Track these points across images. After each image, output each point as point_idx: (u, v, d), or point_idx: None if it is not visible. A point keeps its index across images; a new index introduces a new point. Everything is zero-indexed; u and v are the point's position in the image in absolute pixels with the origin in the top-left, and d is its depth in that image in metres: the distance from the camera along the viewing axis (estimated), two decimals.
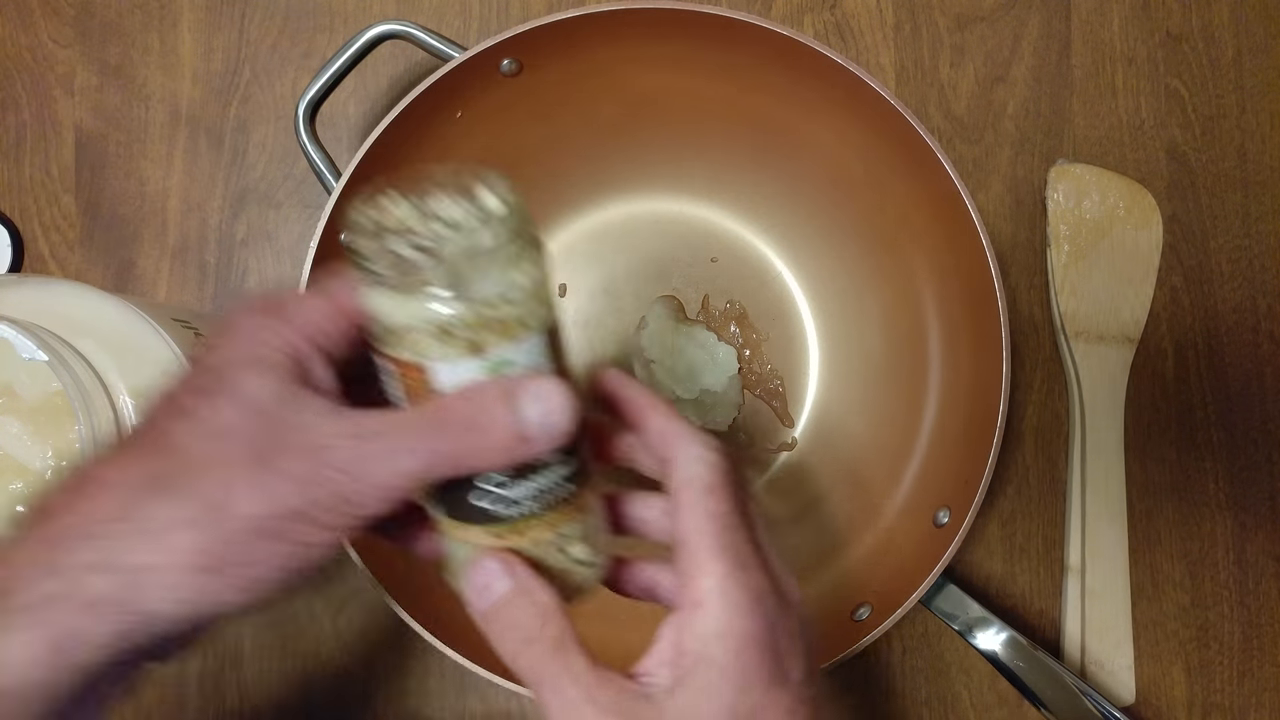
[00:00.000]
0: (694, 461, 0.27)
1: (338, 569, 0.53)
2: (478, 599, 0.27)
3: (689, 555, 0.26)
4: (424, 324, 0.24)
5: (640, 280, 0.53)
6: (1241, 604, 0.53)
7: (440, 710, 0.52)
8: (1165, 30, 0.56)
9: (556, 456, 0.26)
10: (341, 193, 0.43)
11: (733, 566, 0.25)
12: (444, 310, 0.23)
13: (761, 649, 0.25)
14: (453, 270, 0.23)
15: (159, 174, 0.55)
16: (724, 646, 0.25)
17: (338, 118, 0.55)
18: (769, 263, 0.53)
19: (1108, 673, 0.51)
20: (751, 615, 0.25)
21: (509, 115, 0.48)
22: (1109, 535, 0.52)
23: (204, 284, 0.54)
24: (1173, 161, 0.55)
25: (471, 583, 0.27)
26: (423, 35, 0.45)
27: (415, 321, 0.24)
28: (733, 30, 0.44)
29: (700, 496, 0.26)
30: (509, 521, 0.26)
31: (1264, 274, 0.55)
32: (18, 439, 0.35)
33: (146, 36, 0.56)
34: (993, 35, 0.56)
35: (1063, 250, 0.54)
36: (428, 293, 0.23)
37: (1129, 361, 0.53)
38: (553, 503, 0.27)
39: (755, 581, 0.26)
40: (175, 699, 0.52)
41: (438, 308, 0.23)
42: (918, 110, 0.54)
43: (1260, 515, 0.53)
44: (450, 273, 0.23)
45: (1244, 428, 0.54)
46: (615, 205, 0.53)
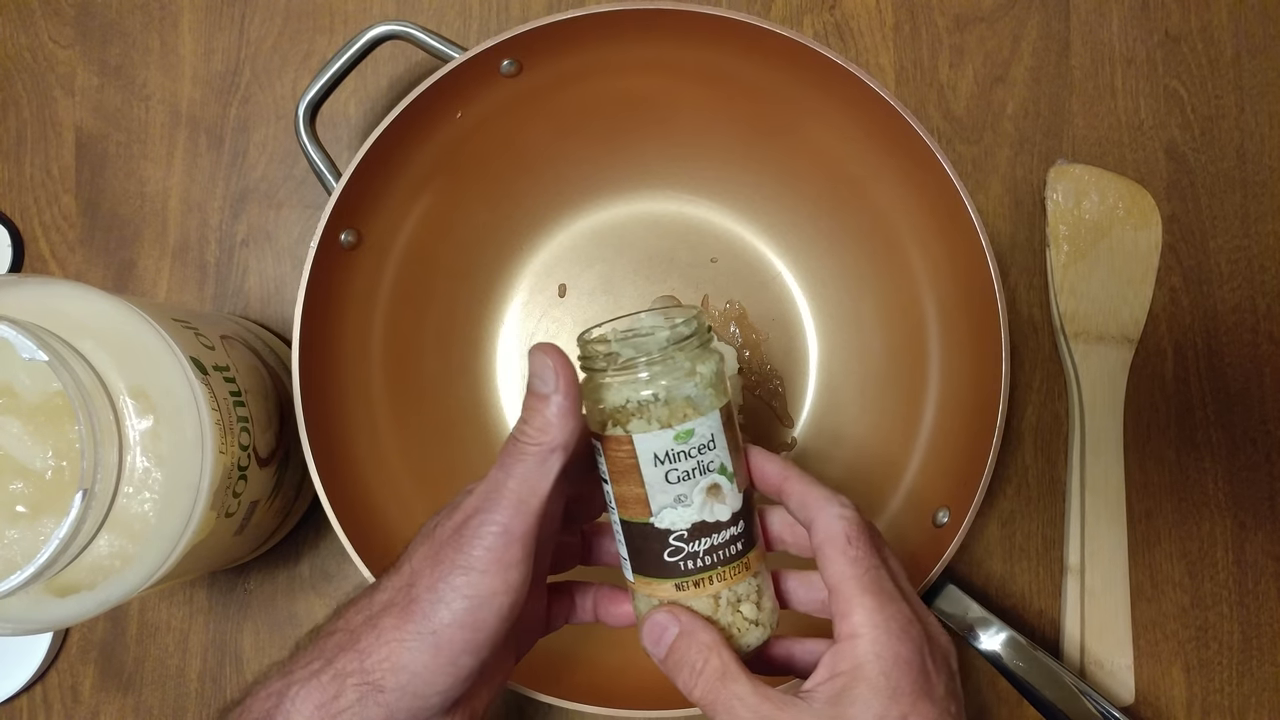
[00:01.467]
0: (834, 519, 0.31)
1: (338, 568, 0.53)
2: (654, 647, 0.32)
3: (841, 598, 0.30)
4: (632, 403, 0.31)
5: (640, 280, 0.53)
6: (1241, 604, 0.53)
7: None
8: (1164, 30, 0.56)
9: (730, 520, 0.32)
10: (341, 193, 0.43)
11: (881, 601, 0.30)
12: (645, 392, 0.31)
13: (909, 667, 0.29)
14: (652, 363, 0.31)
15: (159, 174, 0.55)
16: (876, 667, 0.29)
17: (338, 118, 0.55)
18: (769, 263, 0.53)
19: (1107, 673, 0.51)
20: (901, 639, 0.29)
21: (509, 115, 0.48)
22: (1108, 535, 0.52)
23: (204, 284, 0.54)
24: (1172, 162, 0.55)
25: (648, 636, 0.32)
26: (423, 36, 0.45)
27: (624, 402, 0.31)
28: (732, 31, 0.44)
29: (844, 547, 0.31)
30: (690, 574, 0.32)
31: (1263, 274, 0.55)
32: (18, 439, 0.35)
33: (146, 36, 0.56)
34: (992, 36, 0.56)
35: (1062, 250, 0.54)
36: (636, 379, 0.31)
37: (1128, 362, 0.53)
38: (726, 558, 0.32)
39: (901, 612, 0.30)
40: (175, 699, 0.52)
41: (643, 390, 0.31)
42: (917, 111, 0.54)
43: (1260, 515, 0.53)
44: (650, 364, 0.31)
45: (1244, 428, 0.54)
46: (615, 205, 0.54)
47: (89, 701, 0.52)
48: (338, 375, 0.46)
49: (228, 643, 0.52)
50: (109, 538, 0.35)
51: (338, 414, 0.45)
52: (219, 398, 0.39)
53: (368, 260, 0.47)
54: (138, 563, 0.36)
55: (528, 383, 0.31)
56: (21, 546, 0.35)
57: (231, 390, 0.41)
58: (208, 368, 0.39)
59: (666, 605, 0.32)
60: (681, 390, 0.31)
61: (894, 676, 0.29)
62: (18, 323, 0.33)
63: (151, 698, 0.52)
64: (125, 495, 0.35)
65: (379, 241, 0.47)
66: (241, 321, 0.51)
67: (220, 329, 0.44)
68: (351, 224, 0.45)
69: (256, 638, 0.52)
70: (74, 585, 0.36)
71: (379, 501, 0.46)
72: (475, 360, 0.53)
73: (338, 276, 0.45)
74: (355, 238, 0.45)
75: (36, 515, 0.35)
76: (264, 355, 0.47)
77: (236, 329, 0.47)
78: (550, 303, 0.53)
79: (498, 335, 0.53)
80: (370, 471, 0.46)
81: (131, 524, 0.36)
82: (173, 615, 0.52)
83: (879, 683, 0.29)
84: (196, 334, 0.41)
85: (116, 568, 0.36)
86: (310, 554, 0.53)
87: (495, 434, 0.53)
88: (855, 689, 0.29)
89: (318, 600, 0.53)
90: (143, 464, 0.36)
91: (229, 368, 0.42)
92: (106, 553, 0.36)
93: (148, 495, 0.36)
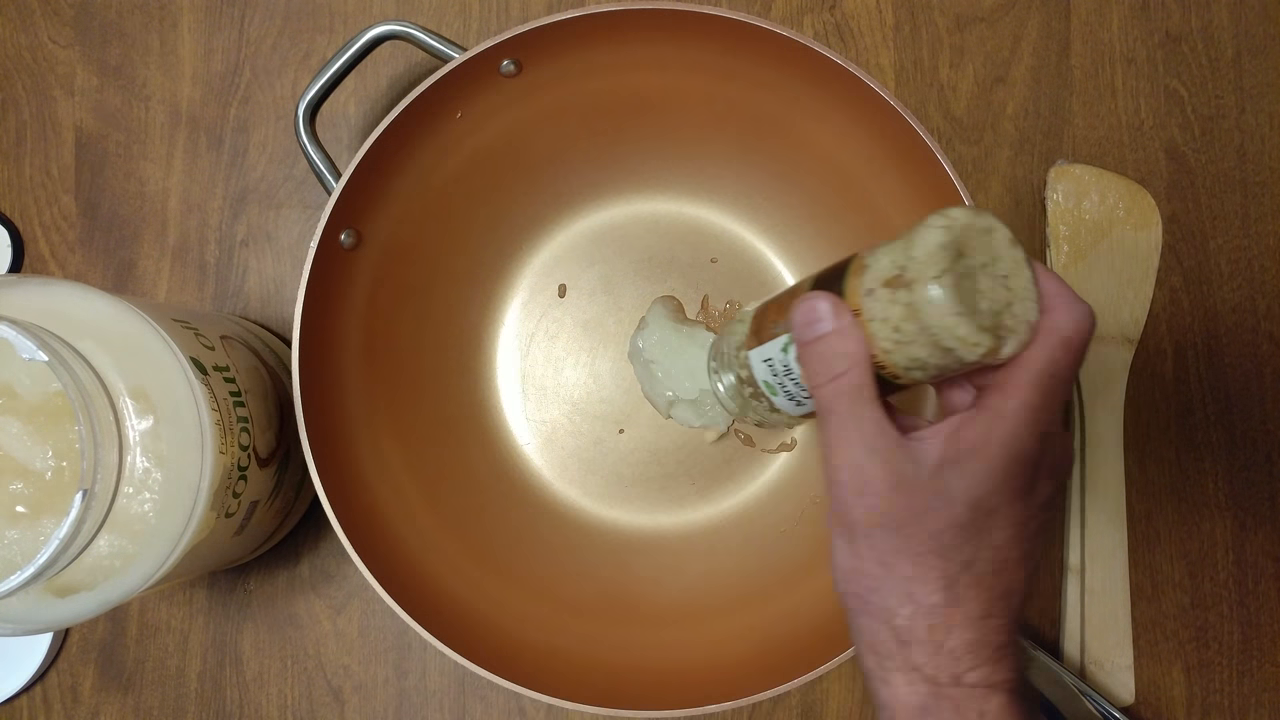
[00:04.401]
0: (1080, 318, 0.29)
1: (338, 568, 0.53)
2: (803, 329, 0.31)
3: (1014, 375, 0.29)
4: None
5: (640, 280, 0.53)
6: (1241, 604, 0.53)
7: (440, 710, 0.52)
8: (1165, 31, 0.56)
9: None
10: (341, 193, 0.43)
11: (1041, 400, 0.29)
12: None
13: (1025, 466, 0.29)
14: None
15: (159, 174, 0.55)
16: (1000, 453, 0.29)
17: (338, 118, 0.55)
18: (769, 263, 0.53)
19: (1107, 673, 0.51)
20: (1032, 439, 0.29)
21: (509, 115, 0.48)
22: (1109, 535, 0.52)
23: (204, 284, 0.54)
24: (1172, 162, 0.55)
25: (802, 311, 0.31)
26: (423, 36, 0.45)
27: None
28: (732, 31, 0.44)
29: (1057, 341, 0.29)
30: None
31: (1263, 274, 0.55)
32: (18, 439, 0.35)
33: (146, 37, 0.56)
34: (992, 36, 0.56)
35: (1062, 250, 0.54)
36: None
37: (1129, 362, 0.53)
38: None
39: (1046, 421, 0.29)
40: (175, 699, 0.52)
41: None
42: (917, 111, 0.54)
43: (1260, 515, 0.53)
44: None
45: (1244, 428, 0.54)
46: (615, 205, 0.54)
47: (89, 702, 0.52)
48: (338, 375, 0.46)
49: (228, 643, 0.52)
50: (109, 538, 0.35)
51: (338, 414, 0.45)
52: (219, 398, 0.39)
53: (368, 260, 0.47)
54: (138, 563, 0.36)
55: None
56: (21, 547, 0.35)
57: (231, 390, 0.41)
58: (208, 368, 0.39)
59: (833, 296, 0.31)
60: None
61: (1010, 469, 0.29)
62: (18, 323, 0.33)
63: (151, 698, 0.52)
64: (125, 495, 0.35)
65: (379, 241, 0.47)
66: (241, 321, 0.51)
67: (220, 329, 0.44)
68: (351, 224, 0.45)
69: (256, 638, 0.52)
70: (74, 586, 0.36)
71: (379, 502, 0.46)
72: (475, 360, 0.53)
73: (338, 276, 0.45)
74: (355, 238, 0.45)
75: (36, 515, 0.35)
76: (264, 355, 0.47)
77: (236, 329, 0.47)
78: (550, 303, 0.53)
79: (498, 335, 0.53)
80: (370, 471, 0.46)
81: (131, 524, 0.36)
82: (173, 615, 0.52)
83: (993, 466, 0.29)
84: (196, 334, 0.41)
85: (116, 568, 0.36)
86: (310, 554, 0.53)
87: (495, 434, 0.53)
88: (969, 462, 0.29)
89: (318, 600, 0.53)
90: (143, 464, 0.36)
91: (229, 368, 0.42)
92: (106, 553, 0.36)
93: (148, 495, 0.36)
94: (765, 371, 0.36)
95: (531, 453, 0.53)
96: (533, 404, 0.53)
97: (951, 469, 0.29)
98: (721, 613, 0.49)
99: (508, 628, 0.47)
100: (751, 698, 0.42)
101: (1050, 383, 0.29)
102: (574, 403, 0.53)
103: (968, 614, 0.29)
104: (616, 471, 0.52)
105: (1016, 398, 0.29)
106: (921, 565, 0.29)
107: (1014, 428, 0.29)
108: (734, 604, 0.49)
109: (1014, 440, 0.29)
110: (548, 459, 0.53)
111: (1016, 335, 0.29)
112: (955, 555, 0.29)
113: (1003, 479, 0.29)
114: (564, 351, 0.53)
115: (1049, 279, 0.30)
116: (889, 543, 0.29)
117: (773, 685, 0.41)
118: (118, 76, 0.55)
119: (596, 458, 0.53)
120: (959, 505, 0.29)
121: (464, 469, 0.51)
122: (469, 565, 0.48)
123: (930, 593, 0.29)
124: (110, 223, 0.55)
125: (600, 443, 0.53)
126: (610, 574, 0.51)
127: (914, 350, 0.29)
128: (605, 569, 0.51)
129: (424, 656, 0.52)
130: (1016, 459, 0.29)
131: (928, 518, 0.29)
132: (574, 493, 0.52)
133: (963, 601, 0.29)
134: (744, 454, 0.53)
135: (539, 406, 0.53)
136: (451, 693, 0.52)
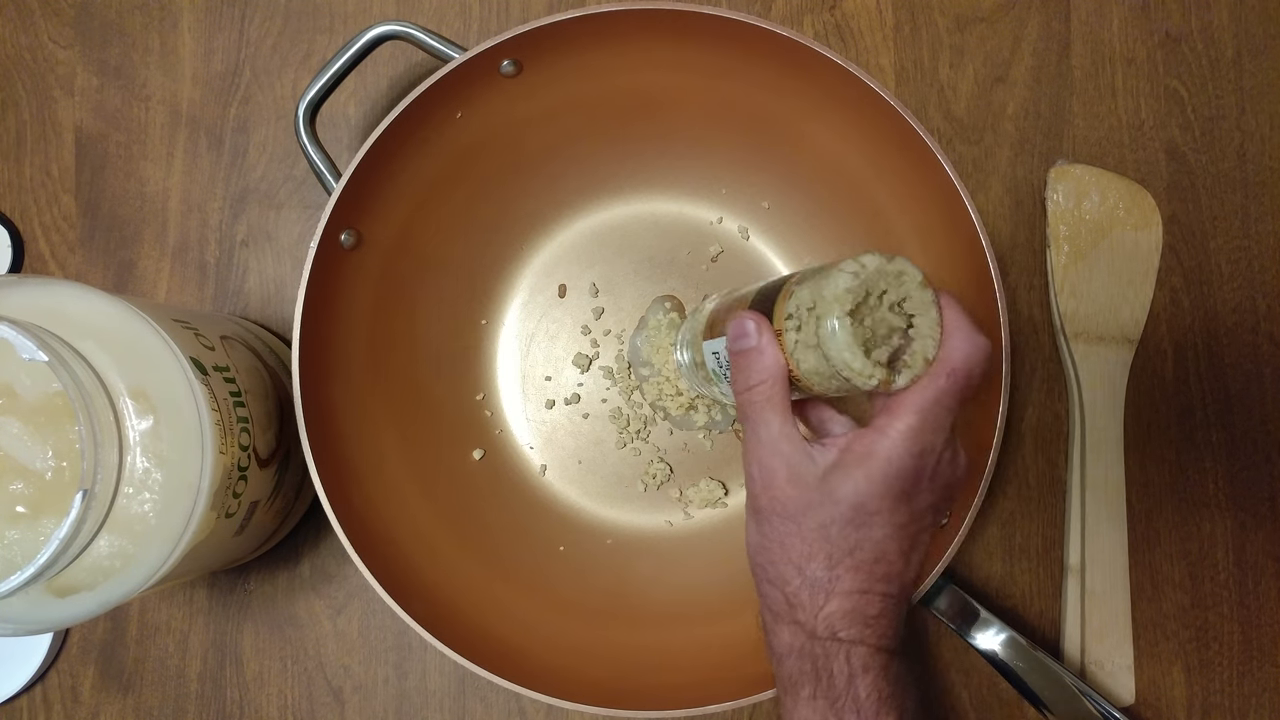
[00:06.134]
0: (974, 349, 0.33)
1: (338, 568, 0.53)
2: (733, 341, 0.36)
3: (902, 400, 0.34)
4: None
5: (640, 280, 0.53)
6: (1241, 604, 0.53)
7: (440, 710, 0.52)
8: (1165, 31, 0.56)
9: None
10: (342, 193, 0.43)
11: (921, 424, 0.33)
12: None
13: (905, 479, 0.34)
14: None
15: (159, 174, 0.55)
16: (881, 466, 0.34)
17: (338, 118, 0.55)
18: (769, 263, 0.53)
19: (1107, 673, 0.51)
20: (912, 458, 0.34)
21: (509, 116, 0.48)
22: (1109, 536, 0.52)
23: (204, 284, 0.54)
24: (1172, 162, 0.55)
25: (734, 326, 0.36)
26: (423, 36, 0.45)
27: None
28: (733, 31, 0.44)
29: (944, 372, 0.33)
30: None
31: (1264, 275, 0.55)
32: (18, 439, 0.35)
33: (146, 37, 0.56)
34: (992, 36, 0.56)
35: (1062, 251, 0.54)
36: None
37: (1129, 362, 0.53)
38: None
39: (928, 442, 0.34)
40: (175, 699, 0.52)
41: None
42: (917, 111, 0.54)
43: (1260, 515, 0.53)
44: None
45: (1244, 428, 0.54)
46: (615, 205, 0.54)
47: (89, 702, 0.52)
48: (338, 375, 0.46)
49: (228, 643, 0.52)
50: (109, 538, 0.35)
51: (338, 414, 0.45)
52: (219, 398, 0.39)
53: (368, 260, 0.47)
54: (138, 563, 0.36)
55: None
56: (21, 547, 0.35)
57: (231, 390, 0.41)
58: (208, 368, 0.39)
59: (759, 316, 0.36)
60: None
61: (890, 478, 0.34)
62: (18, 323, 0.33)
63: (151, 698, 0.52)
64: (125, 495, 0.35)
65: (379, 241, 0.47)
66: (241, 322, 0.51)
67: (220, 329, 0.44)
68: (351, 224, 0.45)
69: (256, 638, 0.52)
70: (74, 586, 0.36)
71: (379, 501, 0.46)
72: (475, 360, 0.53)
73: (338, 276, 0.45)
74: (355, 238, 0.45)
75: (36, 515, 0.35)
76: (264, 355, 0.47)
77: (236, 329, 0.47)
78: (550, 303, 0.53)
79: (498, 335, 0.53)
80: (370, 471, 0.46)
81: (131, 524, 0.36)
82: (173, 616, 0.52)
83: (873, 475, 0.34)
84: (196, 334, 0.41)
85: (116, 568, 0.36)
86: (310, 554, 0.53)
87: (494, 434, 0.53)
88: (854, 469, 0.34)
89: (318, 600, 0.53)
90: (143, 464, 0.36)
91: (229, 368, 0.42)
92: (106, 553, 0.36)
93: (148, 495, 0.36)
94: (713, 361, 0.42)
95: (531, 453, 0.53)
96: (533, 404, 0.53)
97: (839, 473, 0.34)
98: (722, 613, 0.49)
99: (508, 628, 0.47)
100: (751, 698, 0.42)
101: (934, 409, 0.33)
102: (574, 403, 0.53)
103: (845, 588, 0.35)
104: (616, 471, 0.52)
105: (901, 420, 0.34)
106: (809, 546, 0.35)
107: (894, 445, 0.34)
108: (734, 604, 0.49)
109: (894, 456, 0.34)
110: (548, 459, 0.53)
111: (911, 370, 0.33)
112: (840, 542, 0.34)
113: (882, 487, 0.34)
114: (564, 351, 0.53)
115: (953, 313, 0.34)
116: (785, 527, 0.35)
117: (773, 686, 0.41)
118: (118, 76, 0.55)
119: (596, 458, 0.53)
120: (843, 504, 0.34)
121: (464, 469, 0.51)
122: (469, 565, 0.48)
123: (815, 568, 0.35)
124: (110, 223, 0.55)
125: (600, 443, 0.53)
126: (610, 574, 0.51)
127: (819, 374, 0.34)
128: (605, 569, 0.51)
129: (424, 656, 0.52)
130: (895, 472, 0.34)
131: (817, 511, 0.34)
132: (574, 493, 0.52)
133: (841, 578, 0.35)
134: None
135: (539, 406, 0.53)
136: (451, 693, 0.52)
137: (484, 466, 0.52)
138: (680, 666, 0.47)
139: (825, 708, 0.34)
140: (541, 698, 0.42)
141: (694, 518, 0.52)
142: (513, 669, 0.42)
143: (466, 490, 0.51)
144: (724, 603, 0.49)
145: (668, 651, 0.48)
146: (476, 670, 0.42)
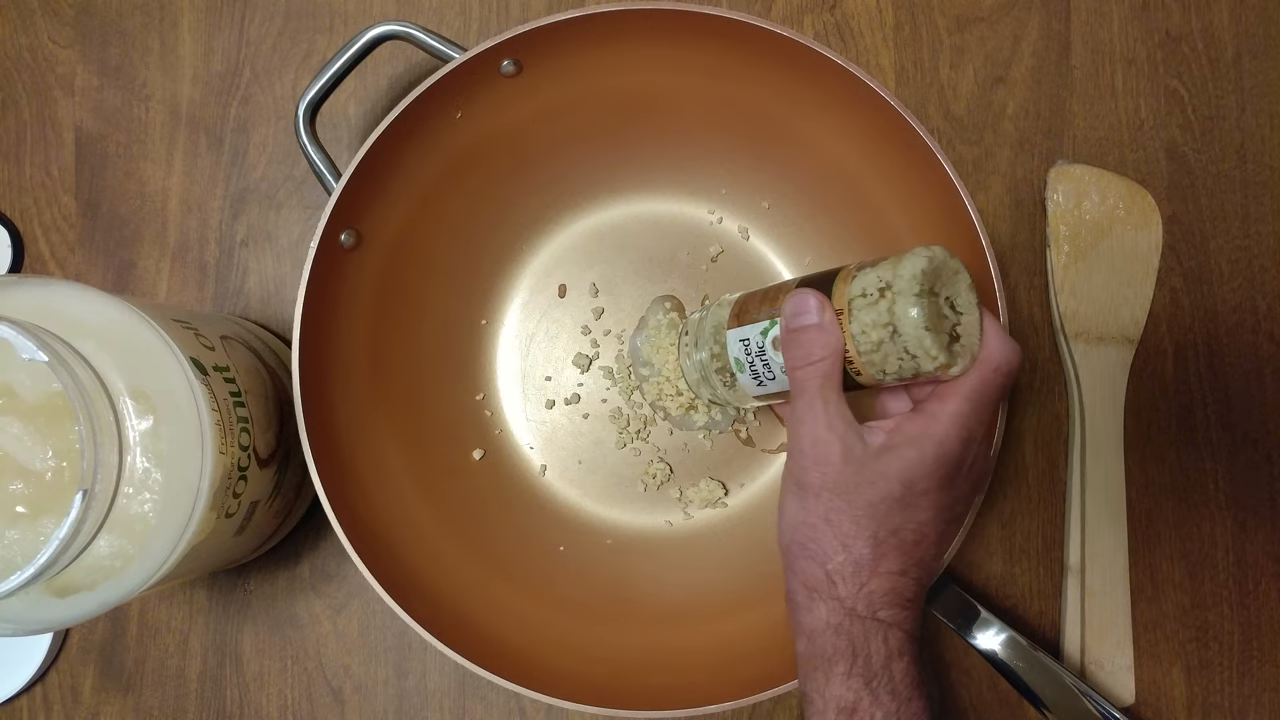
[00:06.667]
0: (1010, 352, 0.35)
1: (338, 568, 0.53)
2: (793, 318, 0.37)
3: (952, 388, 0.35)
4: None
5: (640, 280, 0.53)
6: (1241, 604, 0.53)
7: (440, 710, 0.52)
8: (1165, 31, 0.56)
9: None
10: (341, 193, 0.43)
11: (971, 411, 0.35)
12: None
13: (951, 464, 0.35)
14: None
15: (159, 174, 0.55)
16: (933, 447, 0.35)
17: (338, 118, 0.55)
18: (769, 263, 0.53)
19: (1107, 673, 0.51)
20: (960, 444, 0.35)
21: (509, 116, 0.48)
22: (1108, 535, 0.52)
23: (204, 284, 0.54)
24: (1172, 162, 0.55)
25: (794, 303, 0.37)
26: (423, 36, 0.45)
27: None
28: (733, 31, 0.44)
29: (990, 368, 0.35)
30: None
31: (1264, 275, 0.55)
32: (18, 439, 0.35)
33: (146, 37, 0.56)
34: (992, 36, 0.56)
35: (1062, 251, 0.54)
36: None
37: (1129, 362, 0.53)
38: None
39: (973, 432, 0.36)
40: (175, 699, 0.52)
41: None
42: (917, 111, 0.54)
43: (1260, 515, 0.53)
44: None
45: (1244, 428, 0.54)
46: (615, 205, 0.54)
47: (89, 702, 0.52)
48: (338, 375, 0.46)
49: (228, 643, 0.52)
50: (109, 538, 0.35)
51: (338, 414, 0.45)
52: (219, 398, 0.39)
53: (368, 260, 0.47)
54: (138, 563, 0.36)
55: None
56: (21, 547, 0.35)
57: (231, 390, 0.41)
58: (208, 368, 0.39)
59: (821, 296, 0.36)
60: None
61: (940, 460, 0.35)
62: (18, 323, 0.33)
63: (151, 698, 0.52)
64: (125, 496, 0.35)
65: (379, 241, 0.47)
66: (241, 322, 0.51)
67: (220, 329, 0.44)
68: (351, 224, 0.45)
69: (256, 638, 0.52)
70: (74, 586, 0.36)
71: (379, 501, 0.46)
72: (475, 360, 0.53)
73: (338, 276, 0.45)
74: (355, 238, 0.45)
75: (36, 516, 0.35)
76: (264, 355, 0.47)
77: (236, 329, 0.47)
78: (550, 303, 0.53)
79: (498, 335, 0.53)
80: (370, 472, 0.46)
81: (131, 524, 0.36)
82: (173, 616, 0.52)
83: (924, 455, 0.35)
84: (196, 334, 0.41)
85: (116, 568, 0.36)
86: (310, 554, 0.53)
87: (494, 433, 0.53)
88: (906, 450, 0.35)
89: (318, 600, 0.53)
90: (143, 464, 0.36)
91: (229, 368, 0.42)
92: (106, 553, 0.36)
93: (148, 496, 0.36)
94: (739, 349, 0.42)
95: (531, 453, 0.53)
96: (533, 404, 0.53)
97: (891, 453, 0.35)
98: (722, 613, 0.49)
99: (508, 628, 0.47)
100: (751, 698, 0.42)
101: (980, 398, 0.35)
102: (574, 403, 0.53)
103: (888, 568, 0.35)
104: (616, 472, 0.52)
105: (951, 405, 0.35)
106: (857, 524, 0.35)
107: (945, 428, 0.35)
108: (734, 604, 0.49)
109: (944, 438, 0.35)
110: (548, 459, 0.53)
111: (963, 360, 0.35)
112: (886, 522, 0.35)
113: (931, 468, 0.35)
114: (564, 351, 0.53)
115: (989, 319, 0.36)
116: (834, 504, 0.35)
117: (773, 686, 0.41)
118: (118, 76, 0.55)
119: (596, 458, 0.53)
120: (894, 482, 0.35)
121: (464, 469, 0.51)
122: (469, 565, 0.48)
123: (861, 546, 0.35)
124: (110, 223, 0.55)
125: (600, 443, 0.53)
126: (610, 574, 0.51)
127: (883, 353, 0.35)
128: (605, 569, 0.51)
129: (424, 657, 0.52)
130: (944, 454, 0.35)
131: (867, 489, 0.35)
132: (574, 493, 0.52)
133: (885, 558, 0.35)
134: (744, 454, 0.53)
135: (539, 406, 0.53)
136: (451, 693, 0.52)
137: (484, 466, 0.52)
138: (680, 666, 0.47)
139: (860, 686, 0.34)
140: (541, 698, 0.42)
141: (694, 518, 0.52)
142: (513, 669, 0.42)
143: (466, 490, 0.51)
144: (724, 603, 0.49)
145: (668, 651, 0.48)
146: (476, 670, 0.42)
